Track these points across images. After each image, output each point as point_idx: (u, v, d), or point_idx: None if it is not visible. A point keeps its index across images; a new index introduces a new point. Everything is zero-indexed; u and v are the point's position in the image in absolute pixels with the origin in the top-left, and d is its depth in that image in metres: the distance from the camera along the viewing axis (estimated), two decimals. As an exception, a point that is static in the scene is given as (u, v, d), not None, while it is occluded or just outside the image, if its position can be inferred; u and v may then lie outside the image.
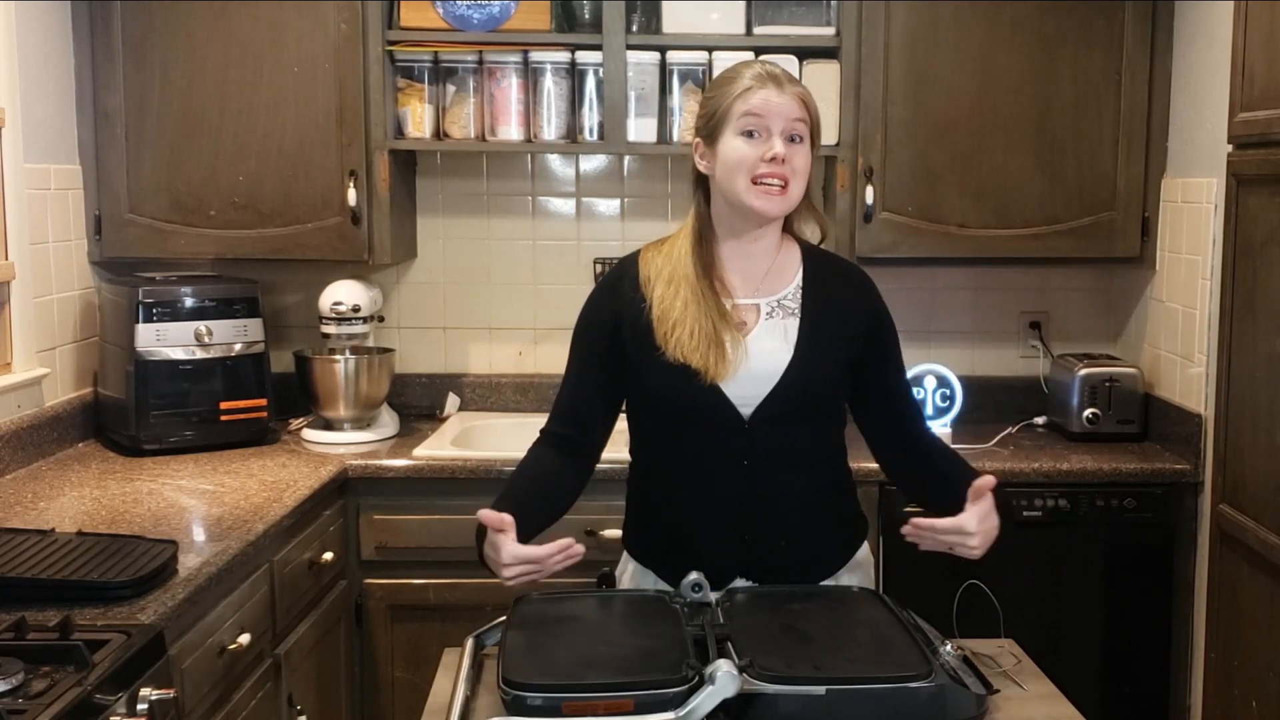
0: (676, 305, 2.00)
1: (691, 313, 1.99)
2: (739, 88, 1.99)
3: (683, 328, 1.98)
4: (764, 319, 2.05)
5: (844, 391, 2.11)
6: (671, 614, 1.84)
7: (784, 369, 2.01)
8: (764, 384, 2.00)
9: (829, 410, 2.10)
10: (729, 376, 1.98)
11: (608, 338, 2.07)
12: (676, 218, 3.57)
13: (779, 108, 1.97)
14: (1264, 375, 2.44)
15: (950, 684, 1.66)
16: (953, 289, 3.62)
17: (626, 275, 2.09)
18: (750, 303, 2.06)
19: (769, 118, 1.96)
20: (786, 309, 2.06)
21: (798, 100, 1.99)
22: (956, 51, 3.19)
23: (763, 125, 1.97)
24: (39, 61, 3.00)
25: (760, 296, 2.06)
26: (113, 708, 1.71)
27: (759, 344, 2.02)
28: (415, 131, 3.28)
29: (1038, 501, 3.05)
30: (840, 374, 2.07)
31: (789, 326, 2.04)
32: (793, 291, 2.07)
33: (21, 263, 2.90)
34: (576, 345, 2.14)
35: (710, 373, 1.97)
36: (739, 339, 2.01)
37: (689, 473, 2.05)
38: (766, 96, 1.97)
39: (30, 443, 2.89)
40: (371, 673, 3.10)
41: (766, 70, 2.01)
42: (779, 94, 1.97)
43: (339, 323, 3.28)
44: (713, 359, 1.97)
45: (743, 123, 1.97)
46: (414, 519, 3.04)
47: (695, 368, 1.97)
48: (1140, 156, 3.23)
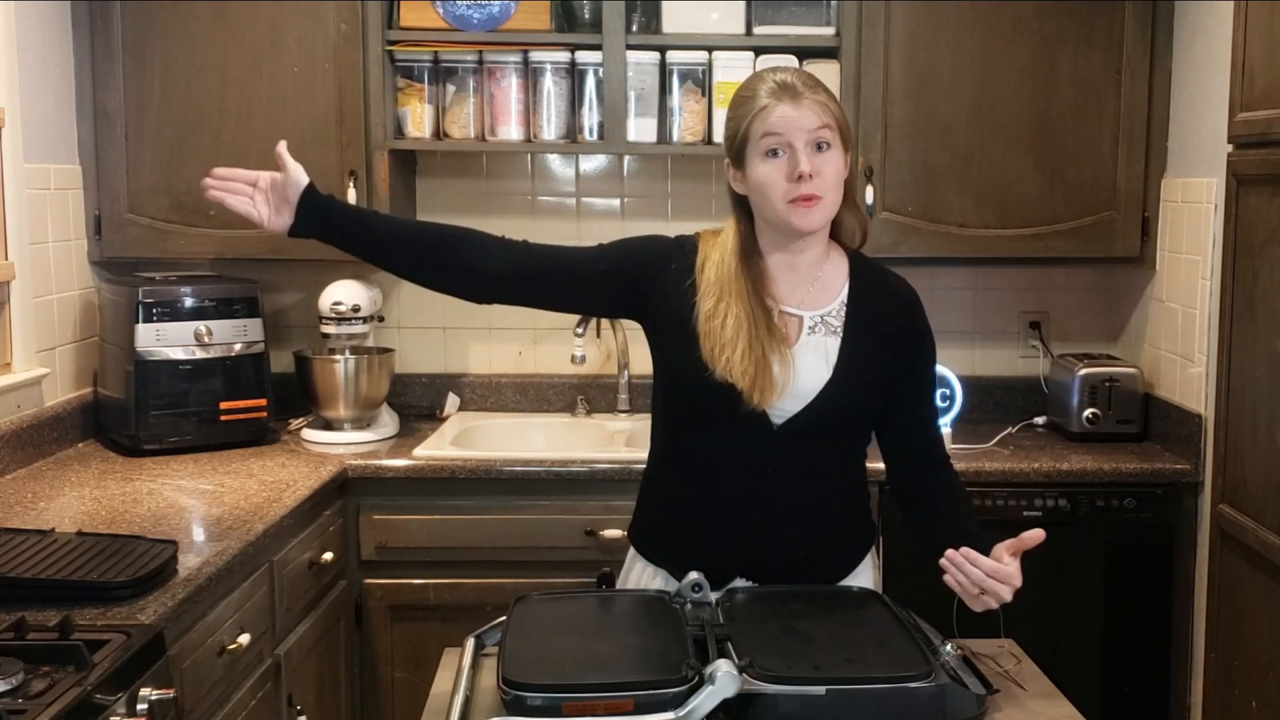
0: (729, 325, 1.96)
1: (745, 335, 1.95)
2: (755, 106, 1.94)
3: (734, 349, 1.95)
4: (806, 333, 2.02)
5: (875, 410, 2.09)
6: (671, 614, 1.84)
7: (820, 388, 1.99)
8: (798, 400, 1.98)
9: (858, 427, 2.09)
10: (774, 401, 1.96)
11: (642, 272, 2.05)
12: (676, 218, 3.57)
13: (797, 121, 1.92)
14: (1264, 375, 2.44)
15: (950, 684, 1.67)
16: (953, 289, 3.62)
17: (685, 249, 2.05)
18: (795, 313, 2.02)
19: (789, 134, 1.92)
20: (829, 326, 2.02)
21: (817, 108, 1.93)
22: (956, 51, 3.19)
23: (784, 143, 1.92)
24: (39, 61, 3.00)
25: (805, 309, 2.03)
26: (112, 708, 1.71)
27: (799, 360, 1.99)
28: (415, 131, 3.28)
29: (1038, 501, 3.05)
30: (875, 396, 2.05)
31: (830, 345, 2.01)
32: (837, 309, 2.03)
33: (21, 263, 2.89)
34: (610, 246, 2.11)
35: (757, 399, 1.95)
36: (787, 357, 1.97)
37: (708, 472, 2.04)
38: (783, 113, 1.92)
39: (30, 443, 2.89)
40: (371, 673, 3.10)
41: (780, 82, 1.95)
42: (795, 107, 1.92)
43: (339, 323, 3.28)
44: (761, 384, 1.94)
45: (764, 144, 1.93)
46: (414, 519, 3.04)
47: (740, 389, 1.94)
48: (1140, 156, 3.23)
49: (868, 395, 2.03)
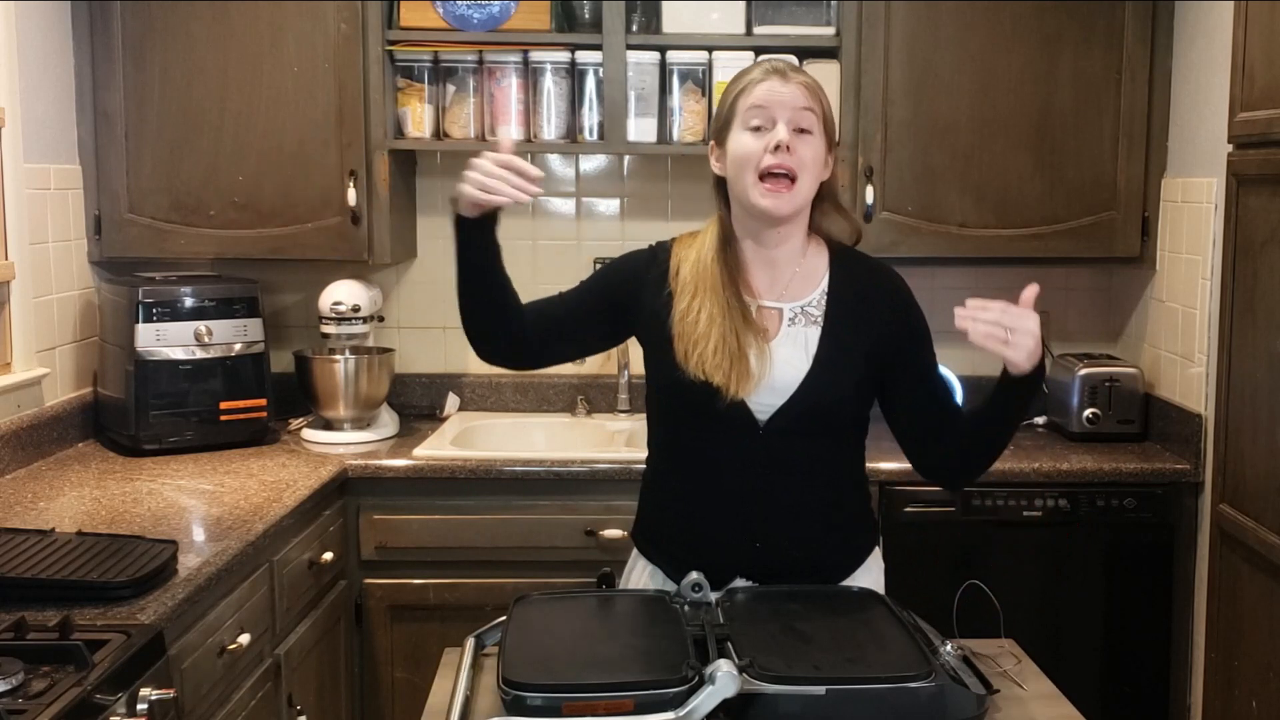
0: (701, 320, 1.97)
1: (716, 328, 1.96)
2: (744, 83, 1.98)
3: (706, 343, 1.96)
4: (785, 326, 2.02)
5: (864, 408, 2.08)
6: (671, 614, 1.84)
7: (801, 381, 1.99)
8: (780, 394, 1.99)
9: (845, 425, 2.08)
10: (752, 390, 1.97)
11: (620, 294, 2.08)
12: (676, 218, 3.57)
13: (782, 97, 1.95)
14: (1264, 375, 2.44)
15: (950, 684, 1.66)
16: (953, 289, 3.60)
17: (659, 257, 2.07)
18: (774, 307, 2.03)
19: (773, 108, 1.94)
20: (810, 316, 2.03)
21: (803, 89, 1.96)
22: (956, 51, 3.19)
23: (768, 116, 1.94)
24: (39, 61, 3.00)
25: (784, 301, 2.03)
26: (112, 708, 1.71)
27: (778, 352, 1.99)
28: (415, 131, 3.28)
29: (1038, 501, 3.05)
30: (860, 389, 2.04)
31: (810, 336, 2.01)
32: (818, 298, 2.04)
33: (21, 263, 2.90)
34: (590, 279, 2.14)
35: (732, 390, 1.95)
36: (764, 349, 1.98)
37: (701, 473, 2.05)
38: (770, 87, 1.95)
39: (30, 443, 2.89)
40: (371, 673, 3.10)
41: (772, 64, 2.00)
42: (783, 84, 1.95)
43: (339, 323, 3.28)
44: (735, 376, 1.95)
45: (748, 116, 1.95)
46: (414, 519, 3.04)
47: (717, 384, 1.95)
48: (1140, 156, 3.23)
49: (850, 388, 2.02)
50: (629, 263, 2.13)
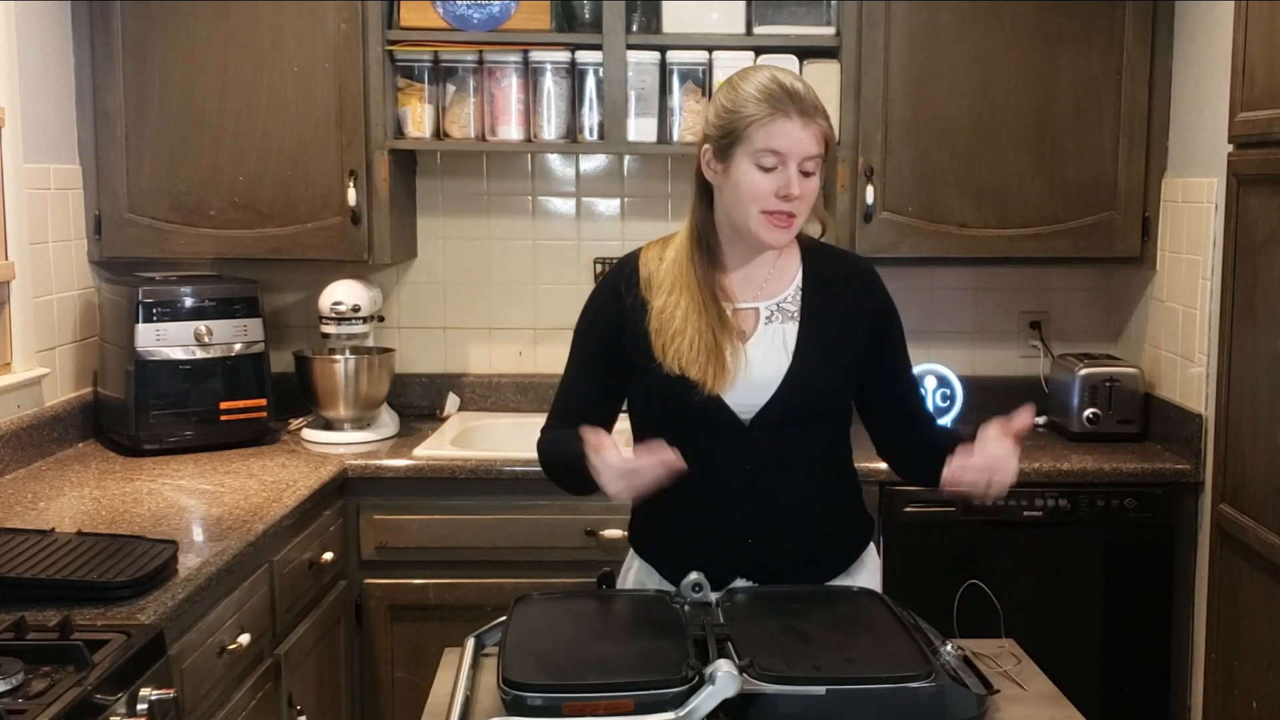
0: (677, 316, 1.99)
1: (692, 323, 1.98)
2: (762, 112, 1.92)
3: (682, 338, 1.97)
4: (763, 324, 2.04)
5: (848, 395, 2.10)
6: (672, 614, 1.84)
7: (782, 377, 2.00)
8: (762, 392, 2.00)
9: (831, 415, 2.09)
10: (728, 387, 1.98)
11: (608, 342, 2.07)
12: (676, 218, 3.57)
13: (799, 145, 1.92)
14: (1264, 375, 2.44)
15: (950, 684, 1.66)
16: (953, 289, 3.62)
17: (626, 276, 2.08)
18: (750, 307, 2.05)
19: (788, 156, 1.93)
20: (786, 313, 2.04)
21: (819, 137, 1.94)
22: (956, 51, 3.19)
23: (781, 161, 1.93)
24: (39, 61, 3.00)
25: (760, 300, 2.05)
26: (112, 708, 1.71)
27: (757, 351, 2.01)
28: (415, 131, 3.28)
29: (1038, 501, 3.05)
30: (841, 380, 2.06)
31: (788, 332, 2.03)
32: (792, 294, 2.06)
33: (21, 262, 2.89)
34: (577, 347, 2.13)
35: (709, 384, 1.97)
36: (739, 348, 2.00)
37: (691, 475, 2.04)
38: (789, 132, 1.92)
39: (30, 443, 2.89)
40: (371, 673, 3.10)
41: (789, 91, 1.93)
42: (802, 128, 1.92)
43: (339, 323, 3.28)
44: (712, 371, 1.97)
45: (761, 155, 1.93)
46: (414, 519, 3.04)
47: (694, 379, 1.96)
48: (1140, 156, 3.23)
49: (833, 378, 2.04)
50: (598, 303, 2.12)
